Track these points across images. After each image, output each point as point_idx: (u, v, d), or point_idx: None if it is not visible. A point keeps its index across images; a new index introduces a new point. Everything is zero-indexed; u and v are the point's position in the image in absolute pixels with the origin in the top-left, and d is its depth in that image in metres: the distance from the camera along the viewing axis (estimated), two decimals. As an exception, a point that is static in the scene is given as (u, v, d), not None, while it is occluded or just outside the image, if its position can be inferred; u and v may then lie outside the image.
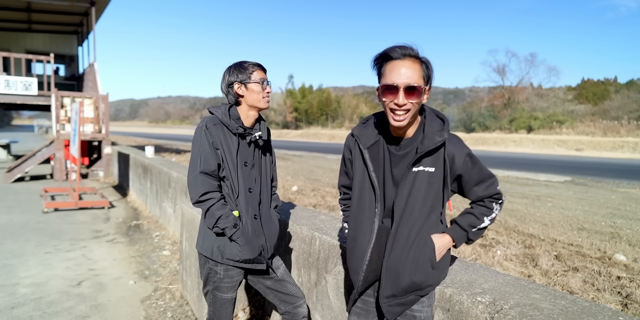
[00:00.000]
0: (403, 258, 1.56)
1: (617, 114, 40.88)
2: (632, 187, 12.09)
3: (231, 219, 2.04)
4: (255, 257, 2.11)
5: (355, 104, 68.96)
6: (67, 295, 3.76)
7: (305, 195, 9.30)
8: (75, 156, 8.10)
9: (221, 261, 2.13)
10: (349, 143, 1.75)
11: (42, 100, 12.54)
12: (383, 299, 1.58)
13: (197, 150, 2.08)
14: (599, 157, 28.50)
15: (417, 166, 1.55)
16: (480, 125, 47.67)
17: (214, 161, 2.06)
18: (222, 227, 2.03)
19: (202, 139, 2.07)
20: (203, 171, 2.04)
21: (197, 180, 2.05)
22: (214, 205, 2.03)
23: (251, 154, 2.17)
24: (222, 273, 2.16)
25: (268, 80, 2.13)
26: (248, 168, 2.15)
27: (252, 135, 2.13)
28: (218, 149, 2.07)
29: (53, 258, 4.80)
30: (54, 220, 6.77)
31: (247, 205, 2.12)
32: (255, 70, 2.09)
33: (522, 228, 6.57)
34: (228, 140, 2.09)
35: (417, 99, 1.46)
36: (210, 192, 2.05)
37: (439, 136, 1.52)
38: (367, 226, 1.64)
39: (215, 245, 2.13)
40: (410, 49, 1.46)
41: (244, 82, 2.08)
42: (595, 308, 1.52)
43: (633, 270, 4.61)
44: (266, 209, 2.24)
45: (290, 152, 26.48)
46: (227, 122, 2.08)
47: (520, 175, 14.91)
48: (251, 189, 2.15)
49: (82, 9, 15.36)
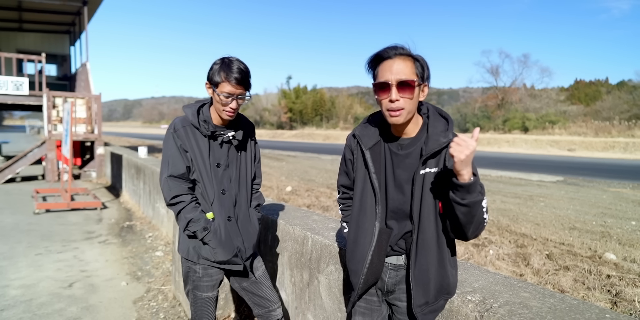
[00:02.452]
0: (430, 264, 1.54)
1: (608, 114, 41.24)
2: (622, 187, 12.21)
3: (202, 222, 2.01)
4: (229, 259, 2.08)
5: (349, 104, 69.01)
6: (58, 296, 3.74)
7: (300, 196, 9.30)
8: (67, 157, 8.04)
9: (197, 261, 2.11)
10: (350, 143, 1.73)
11: (33, 101, 12.43)
12: (416, 308, 1.54)
13: (165, 154, 2.05)
14: (591, 157, 28.74)
15: (424, 168, 1.53)
16: (475, 126, 47.92)
17: (181, 164, 2.02)
18: (193, 231, 2.01)
19: (169, 142, 2.04)
20: (171, 175, 2.01)
21: (166, 184, 2.03)
22: (184, 208, 2.01)
23: (225, 154, 2.11)
24: (201, 272, 2.14)
25: (239, 95, 1.95)
26: (221, 169, 2.09)
27: (224, 135, 2.06)
28: (187, 152, 2.03)
29: (44, 259, 4.77)
30: (46, 221, 6.72)
31: (220, 208, 2.08)
32: (226, 83, 1.90)
33: (515, 228, 6.62)
34: (199, 142, 2.04)
35: (410, 94, 1.45)
36: (181, 195, 2.02)
37: (444, 137, 1.49)
38: (368, 228, 1.62)
39: (190, 246, 2.11)
40: (401, 48, 1.47)
41: (212, 87, 1.96)
42: (583, 306, 1.54)
43: (622, 269, 4.66)
44: (244, 210, 2.19)
45: (284, 152, 26.46)
46: (195, 123, 2.02)
47: (513, 175, 15.00)
48: (224, 191, 2.10)
49: (75, 9, 15.26)
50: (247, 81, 1.96)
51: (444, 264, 1.55)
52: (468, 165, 1.35)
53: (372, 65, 1.52)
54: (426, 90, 1.54)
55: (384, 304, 1.74)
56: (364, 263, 1.60)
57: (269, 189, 10.23)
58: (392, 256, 1.66)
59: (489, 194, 10.15)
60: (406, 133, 1.58)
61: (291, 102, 70.31)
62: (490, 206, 8.55)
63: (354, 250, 1.67)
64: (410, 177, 1.55)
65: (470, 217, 1.41)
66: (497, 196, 9.94)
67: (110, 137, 37.93)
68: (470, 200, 1.37)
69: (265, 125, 76.43)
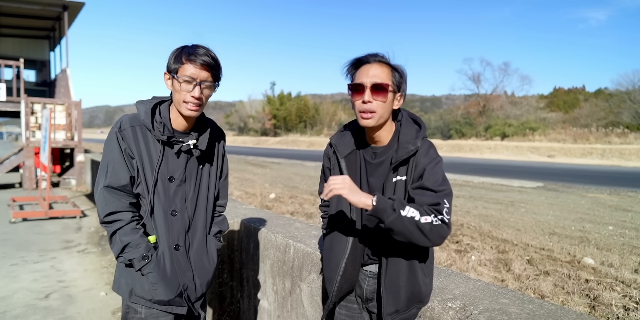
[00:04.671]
0: (400, 272, 1.54)
1: (586, 121, 42.26)
2: (600, 193, 12.49)
3: (141, 248, 1.61)
4: (171, 299, 1.68)
5: (333, 111, 69.33)
6: (33, 308, 3.63)
7: (283, 203, 9.26)
8: (46, 164, 7.87)
9: (129, 299, 1.69)
10: (327, 152, 1.75)
11: (11, 107, 12.17)
12: (387, 316, 1.55)
13: (105, 159, 1.65)
14: (570, 163, 29.38)
15: (395, 176, 1.54)
16: (457, 132, 48.55)
17: (125, 174, 1.63)
18: (129, 258, 1.61)
19: (112, 144, 1.64)
20: (109, 185, 1.63)
21: (101, 197, 1.63)
22: (121, 228, 1.61)
23: (181, 167, 1.71)
24: (144, 312, 1.70)
25: (203, 81, 1.58)
26: (174, 184, 1.70)
27: (183, 143, 1.67)
28: (133, 158, 1.65)
29: (20, 270, 4.63)
30: (22, 230, 6.54)
31: (167, 232, 1.69)
32: (188, 64, 1.55)
33: (496, 233, 6.70)
34: (150, 147, 1.66)
35: (384, 97, 1.47)
36: (119, 212, 1.62)
37: (412, 144, 1.51)
38: (343, 236, 1.63)
39: (124, 279, 1.69)
40: (381, 56, 1.51)
41: (171, 73, 1.59)
42: (560, 311, 1.56)
43: (600, 273, 4.76)
44: (199, 237, 1.79)
45: (268, 159, 26.37)
46: (147, 124, 1.62)
47: (494, 181, 15.22)
48: (175, 212, 1.71)
49: (55, 14, 15.03)
50: (215, 67, 1.61)
51: (415, 272, 1.55)
52: (357, 193, 1.40)
53: (350, 69, 1.55)
54: (401, 100, 1.56)
55: (364, 311, 1.75)
56: (337, 270, 1.61)
57: (252, 196, 10.16)
58: (371, 264, 1.66)
59: (471, 200, 10.28)
60: (380, 141, 1.59)
61: (275, 108, 70.29)
62: (472, 212, 8.65)
63: (329, 257, 1.68)
64: (381, 185, 1.57)
65: (406, 233, 1.38)
66: (479, 202, 10.06)
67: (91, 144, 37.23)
68: (389, 221, 1.37)
69: (249, 132, 76.16)
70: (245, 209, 3.63)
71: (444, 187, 1.46)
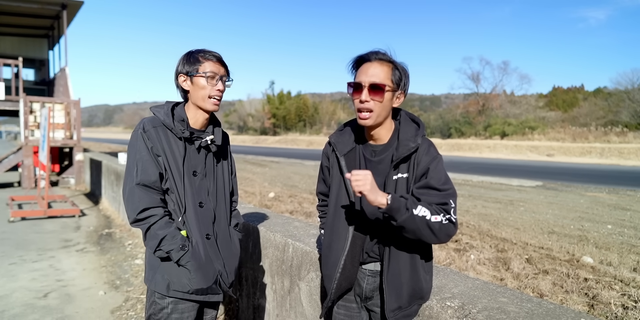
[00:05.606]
0: (402, 269, 1.55)
1: (585, 120, 42.32)
2: (599, 191, 12.51)
3: (178, 239, 1.68)
4: (209, 286, 1.77)
5: (332, 110, 69.37)
6: (32, 307, 3.62)
7: (282, 202, 9.26)
8: (44, 163, 7.86)
9: (167, 293, 1.75)
10: (326, 150, 1.76)
11: (9, 106, 12.15)
12: (389, 312, 1.56)
13: (133, 158, 1.73)
14: (569, 162, 29.42)
15: (396, 174, 1.55)
16: (457, 131, 48.56)
17: (154, 170, 1.71)
18: (167, 250, 1.67)
19: (139, 144, 1.73)
20: (141, 183, 1.69)
21: (133, 194, 1.69)
22: (155, 223, 1.67)
23: (202, 162, 1.83)
24: (170, 308, 1.77)
25: (223, 76, 1.75)
26: (198, 178, 1.82)
27: (202, 139, 1.81)
28: (159, 156, 1.74)
29: (18, 269, 4.63)
30: (21, 229, 6.53)
31: (197, 223, 1.78)
32: (207, 62, 1.71)
33: (496, 232, 6.71)
34: (172, 145, 1.76)
35: (380, 97, 1.48)
36: (152, 208, 1.69)
37: (413, 142, 1.52)
38: (342, 234, 1.64)
39: (159, 275, 1.76)
40: (382, 53, 1.51)
41: (190, 74, 1.72)
42: (559, 310, 1.56)
43: (599, 272, 4.76)
44: (224, 227, 1.90)
45: (268, 158, 26.37)
46: (169, 124, 1.74)
47: (494, 180, 15.23)
48: (202, 204, 1.81)
49: (53, 12, 14.99)
50: (226, 65, 1.80)
51: (417, 269, 1.57)
52: (376, 191, 1.41)
53: (354, 66, 1.57)
54: (402, 97, 1.56)
55: (363, 310, 1.75)
56: (336, 268, 1.61)
57: (252, 195, 10.16)
58: (370, 263, 1.67)
59: (470, 199, 10.28)
60: (379, 139, 1.61)
61: (275, 107, 70.28)
62: (471, 211, 8.65)
63: (328, 255, 1.69)
64: (382, 182, 1.57)
65: (416, 231, 1.43)
66: (479, 201, 10.07)
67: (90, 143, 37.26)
68: (401, 219, 1.41)
69: (248, 131, 76.13)
70: (244, 208, 3.62)
71: (448, 186, 1.50)
